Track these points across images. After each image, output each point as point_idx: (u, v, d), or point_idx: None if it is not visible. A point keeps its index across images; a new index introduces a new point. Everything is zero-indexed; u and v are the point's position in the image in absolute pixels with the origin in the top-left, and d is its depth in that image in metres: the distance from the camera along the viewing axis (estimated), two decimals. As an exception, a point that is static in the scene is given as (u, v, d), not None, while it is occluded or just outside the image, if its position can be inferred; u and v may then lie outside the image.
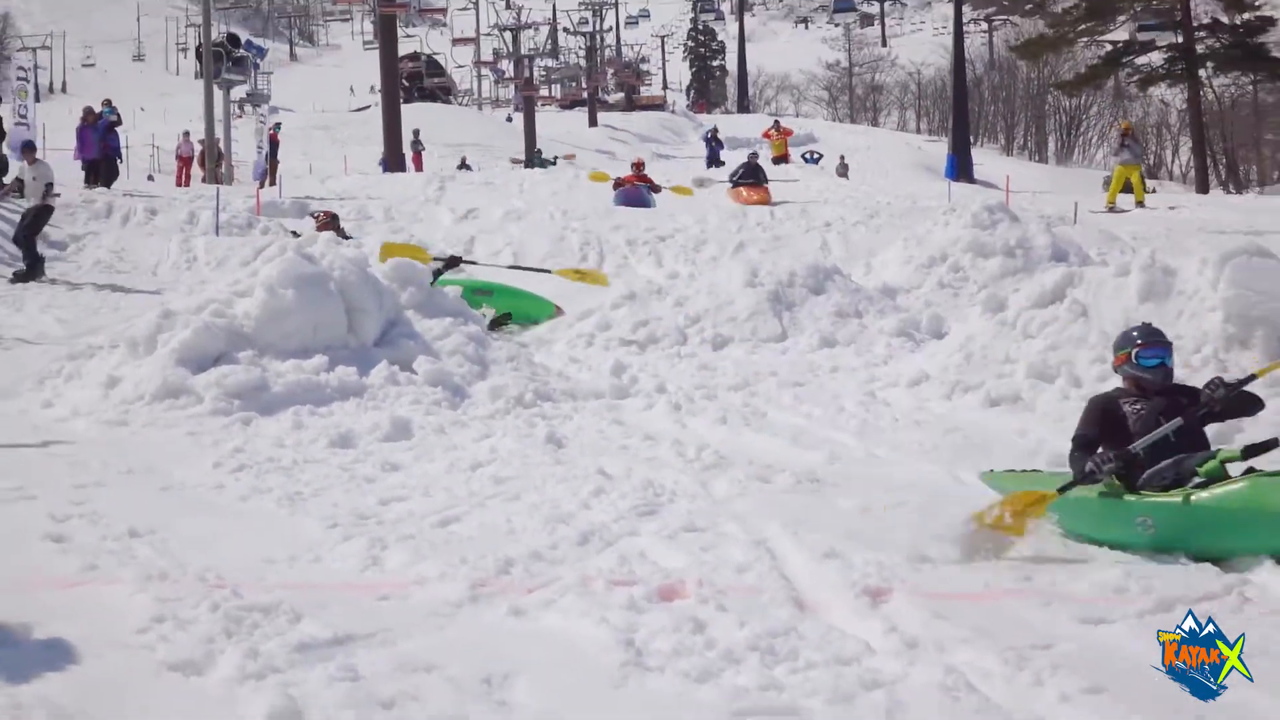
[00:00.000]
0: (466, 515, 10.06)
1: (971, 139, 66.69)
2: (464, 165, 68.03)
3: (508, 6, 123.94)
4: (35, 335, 19.76)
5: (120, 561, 8.76)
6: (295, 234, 24.70)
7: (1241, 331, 13.76)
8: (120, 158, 45.41)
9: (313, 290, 14.81)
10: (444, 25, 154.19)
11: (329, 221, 24.99)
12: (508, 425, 13.19)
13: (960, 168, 57.15)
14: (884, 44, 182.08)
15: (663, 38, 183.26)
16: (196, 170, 52.97)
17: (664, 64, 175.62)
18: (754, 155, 42.23)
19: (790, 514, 10.07)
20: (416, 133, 71.60)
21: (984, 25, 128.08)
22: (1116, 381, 12.42)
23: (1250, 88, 78.42)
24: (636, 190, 34.51)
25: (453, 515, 10.05)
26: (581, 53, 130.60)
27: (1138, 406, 9.60)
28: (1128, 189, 39.62)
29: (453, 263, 22.17)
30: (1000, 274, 20.47)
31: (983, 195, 35.76)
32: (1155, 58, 72.87)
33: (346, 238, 22.78)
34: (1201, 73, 71.82)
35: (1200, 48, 70.93)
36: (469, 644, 7.32)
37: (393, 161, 64.04)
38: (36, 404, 14.42)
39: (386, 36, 70.77)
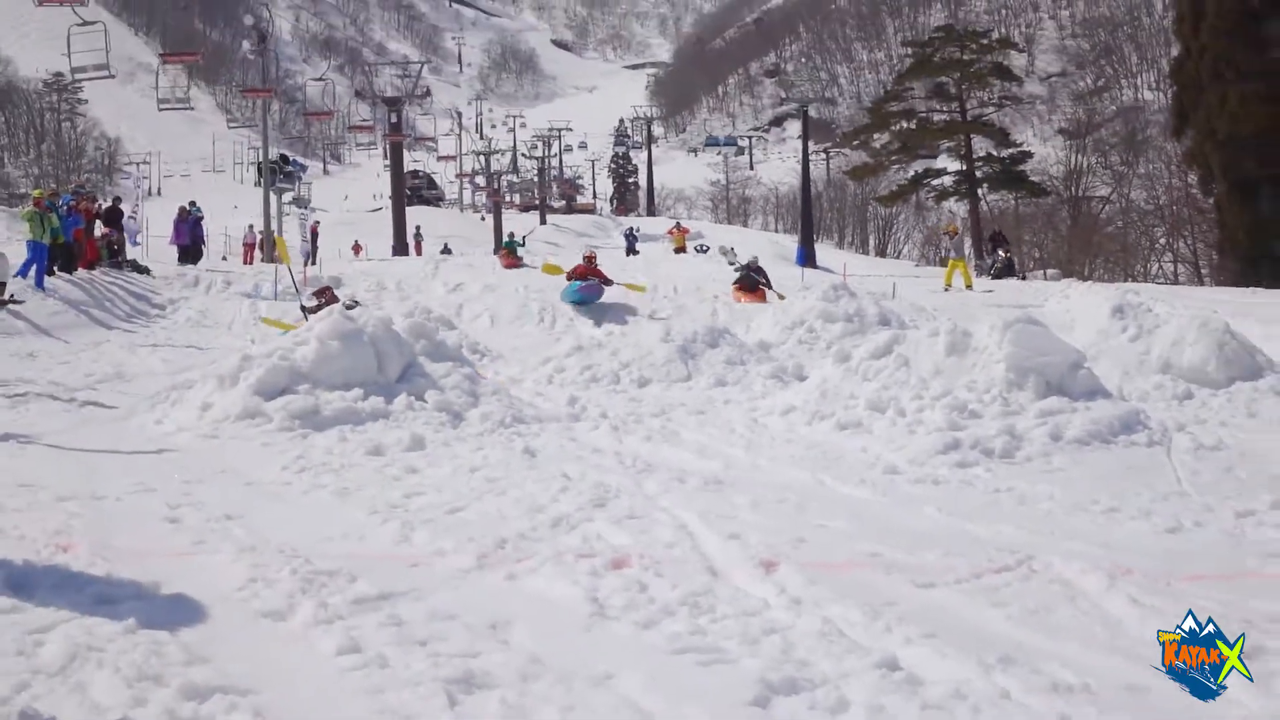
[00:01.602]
0: (469, 506, 10.02)
1: (814, 236, 66.80)
2: (446, 250, 67.92)
3: (481, 137, 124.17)
4: (145, 372, 19.69)
5: (220, 538, 8.74)
6: (304, 308, 24.21)
7: (1019, 378, 13.82)
8: (204, 243, 45.33)
9: (352, 341, 14.77)
10: (434, 149, 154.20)
11: (329, 292, 24.94)
12: (494, 440, 13.12)
13: (807, 257, 57.14)
14: (751, 168, 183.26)
15: (593, 161, 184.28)
16: (258, 253, 52.80)
17: (594, 180, 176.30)
18: (755, 259, 34.90)
19: (702, 506, 10.07)
20: (418, 228, 72.04)
21: (824, 155, 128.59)
22: (934, 414, 12.56)
23: (1013, 201, 78.96)
24: (596, 289, 29.58)
25: (459, 506, 10.01)
26: (535, 171, 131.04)
27: None
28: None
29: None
30: (843, 334, 20.44)
31: (827, 277, 35.82)
32: (947, 180, 73.61)
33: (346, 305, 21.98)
34: (979, 191, 72.51)
35: (978, 173, 71.66)
36: (478, 600, 7.33)
37: (399, 248, 64.32)
38: (150, 421, 14.31)
39: (395, 159, 71.54)
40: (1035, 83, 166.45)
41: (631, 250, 66.70)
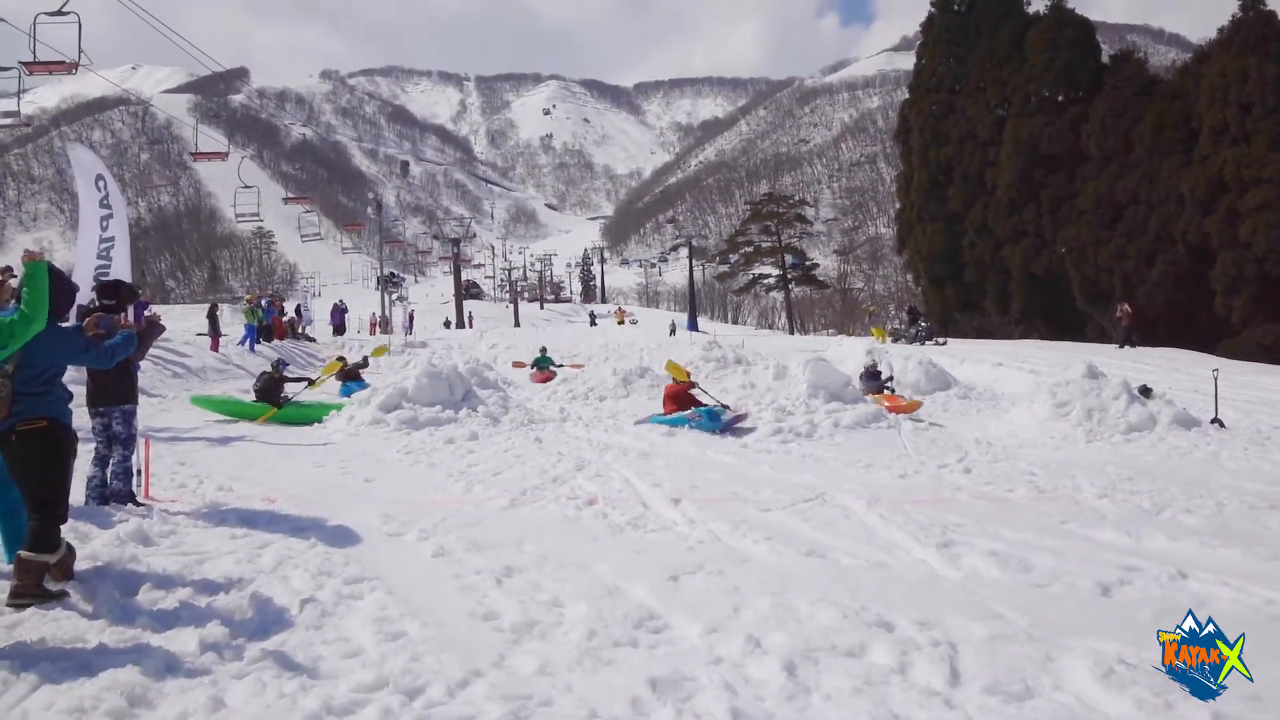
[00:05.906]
0: (505, 470, 9.92)
1: (697, 313, 66.71)
2: (460, 324, 65.29)
3: (505, 259, 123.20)
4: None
5: (364, 495, 8.62)
6: (309, 382, 17.43)
7: (814, 391, 13.92)
8: (346, 324, 44.63)
9: (436, 377, 14.62)
10: (478, 266, 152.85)
11: (341, 361, 21.41)
12: (518, 434, 12.98)
13: (694, 325, 57.26)
14: (660, 275, 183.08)
15: (570, 272, 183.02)
16: (377, 328, 52.27)
17: (570, 282, 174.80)
18: (873, 364, 24.20)
19: (638, 468, 10.05)
20: (470, 312, 71.11)
21: (701, 266, 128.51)
22: (768, 413, 12.48)
23: (809, 292, 79.28)
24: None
25: (499, 470, 9.93)
26: (537, 279, 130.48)
27: None
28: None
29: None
30: (715, 369, 20.40)
31: (706, 337, 35.73)
32: (771, 280, 73.85)
33: (358, 368, 19.13)
34: (789, 286, 72.86)
35: (789, 276, 71.99)
36: (512, 525, 7.26)
37: (459, 324, 63.87)
38: (319, 428, 14.14)
39: (456, 272, 71.31)
40: (820, 224, 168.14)
41: (592, 323, 66.42)
